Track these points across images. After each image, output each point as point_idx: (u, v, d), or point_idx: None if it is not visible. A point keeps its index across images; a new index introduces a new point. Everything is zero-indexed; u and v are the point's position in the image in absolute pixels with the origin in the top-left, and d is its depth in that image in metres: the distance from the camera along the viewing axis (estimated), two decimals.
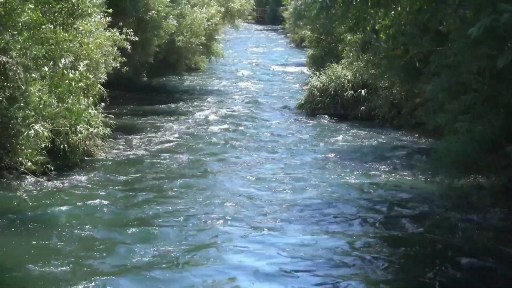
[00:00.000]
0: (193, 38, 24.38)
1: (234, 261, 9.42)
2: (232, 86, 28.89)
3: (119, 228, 10.52)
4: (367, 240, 10.39)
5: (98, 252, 9.54)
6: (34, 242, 9.74)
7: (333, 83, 21.18)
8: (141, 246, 9.75)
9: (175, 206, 11.79)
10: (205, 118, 20.93)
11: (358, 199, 12.53)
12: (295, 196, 12.62)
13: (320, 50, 26.51)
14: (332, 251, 9.86)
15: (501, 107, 8.97)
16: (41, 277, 8.64)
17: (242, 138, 18.18)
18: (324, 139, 18.26)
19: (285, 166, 15.13)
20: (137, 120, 20.06)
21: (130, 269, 8.99)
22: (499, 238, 10.32)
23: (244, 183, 13.52)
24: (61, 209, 11.27)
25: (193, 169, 14.53)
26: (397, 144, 17.47)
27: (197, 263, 9.29)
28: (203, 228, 10.70)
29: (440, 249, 9.90)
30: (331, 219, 11.40)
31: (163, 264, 9.15)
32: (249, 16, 61.07)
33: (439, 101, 9.83)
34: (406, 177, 13.97)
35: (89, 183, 12.93)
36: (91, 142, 14.46)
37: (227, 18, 31.47)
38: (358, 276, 9.09)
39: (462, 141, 9.20)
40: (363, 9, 10.36)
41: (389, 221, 11.27)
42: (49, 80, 11.33)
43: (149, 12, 19.93)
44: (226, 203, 12.02)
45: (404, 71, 12.78)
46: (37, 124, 9.46)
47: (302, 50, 40.00)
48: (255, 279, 8.89)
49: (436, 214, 11.47)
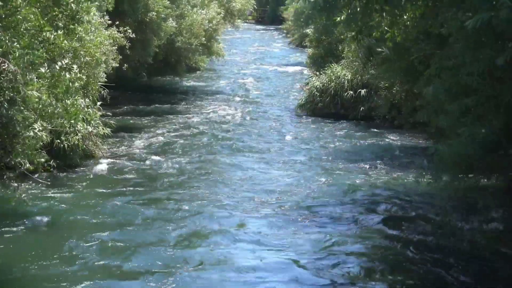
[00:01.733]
0: (192, 39, 24.36)
1: (234, 262, 9.41)
2: (232, 86, 28.87)
3: (119, 228, 10.52)
4: (367, 240, 10.39)
5: (98, 252, 9.52)
6: (34, 242, 9.74)
7: (333, 83, 21.21)
8: (141, 246, 9.75)
9: (175, 206, 11.79)
10: (205, 118, 20.91)
11: (358, 199, 12.53)
12: (295, 196, 12.61)
13: (320, 50, 26.52)
14: (332, 251, 9.85)
15: (502, 107, 8.95)
16: (41, 277, 8.65)
17: (242, 138, 18.16)
18: (324, 139, 18.25)
19: (285, 166, 15.12)
20: (137, 120, 20.04)
21: (131, 270, 8.98)
22: (501, 239, 10.31)
23: (244, 183, 13.51)
24: (61, 209, 11.27)
25: (193, 169, 14.51)
26: (397, 145, 17.46)
27: (197, 264, 9.28)
28: (203, 228, 10.70)
29: (441, 250, 9.88)
30: (330, 219, 11.40)
31: (163, 264, 9.14)
32: (250, 16, 61.09)
33: (440, 102, 9.82)
34: (406, 177, 13.96)
35: (89, 183, 12.92)
36: (91, 142, 14.44)
37: (227, 18, 31.43)
38: (358, 276, 9.08)
39: (464, 142, 9.18)
40: (367, 15, 10.39)
41: (389, 221, 11.26)
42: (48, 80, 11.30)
43: (148, 13, 19.91)
44: (226, 203, 12.01)
45: (404, 72, 12.77)
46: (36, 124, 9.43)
47: (302, 50, 39.99)
48: (255, 279, 8.88)
49: (437, 215, 11.46)
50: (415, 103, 15.20)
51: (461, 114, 9.15)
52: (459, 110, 9.11)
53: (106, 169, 14.02)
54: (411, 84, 13.72)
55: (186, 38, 24.05)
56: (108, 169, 14.04)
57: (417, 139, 18.01)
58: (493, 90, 8.87)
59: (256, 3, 46.07)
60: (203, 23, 24.98)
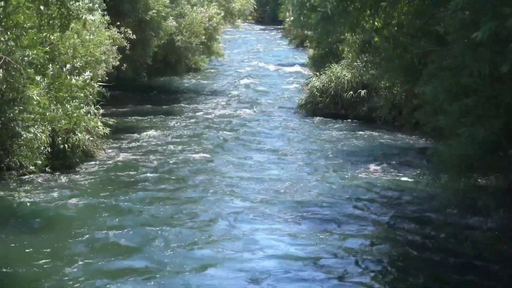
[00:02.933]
0: (192, 38, 24.35)
1: (234, 263, 9.40)
2: (232, 86, 28.86)
3: (120, 228, 10.49)
4: (367, 240, 10.37)
5: (99, 252, 9.51)
6: (34, 243, 9.72)
7: (333, 83, 21.20)
8: (142, 246, 9.74)
9: (175, 206, 11.78)
10: (205, 118, 20.90)
11: (359, 200, 12.51)
12: (295, 196, 12.60)
13: (320, 51, 26.51)
14: (332, 251, 9.85)
15: (502, 107, 8.95)
16: (40, 277, 8.63)
17: (242, 138, 18.16)
18: (325, 139, 18.24)
19: (285, 166, 15.11)
20: (137, 120, 20.04)
21: (131, 270, 8.96)
22: (501, 239, 10.30)
23: (245, 183, 13.50)
24: (61, 209, 11.26)
25: (193, 169, 14.50)
26: (397, 145, 17.45)
27: (199, 264, 9.26)
28: (203, 228, 10.68)
29: (441, 250, 9.87)
30: (330, 219, 11.38)
31: (164, 264, 9.13)
32: (250, 16, 61.07)
33: (439, 102, 9.81)
34: (407, 178, 13.94)
35: (89, 183, 12.91)
36: (91, 142, 14.44)
37: (227, 18, 31.47)
38: (358, 275, 9.07)
39: (463, 143, 9.17)
40: (360, 13, 10.39)
41: (389, 221, 11.26)
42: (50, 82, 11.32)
43: (148, 12, 19.91)
44: (226, 203, 12.00)
45: (404, 72, 12.75)
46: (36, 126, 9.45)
47: (302, 50, 39.98)
48: (254, 280, 8.87)
49: (437, 216, 11.45)
50: (415, 103, 15.20)
51: (461, 114, 9.15)
52: (459, 110, 9.10)
53: (105, 169, 14.02)
54: (411, 84, 13.72)
55: (186, 37, 24.05)
56: (108, 169, 14.03)
57: (417, 139, 17.99)
58: (493, 90, 8.86)
59: (256, 3, 46.11)
60: (203, 21, 24.98)
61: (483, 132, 8.87)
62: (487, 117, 9.06)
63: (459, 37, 8.65)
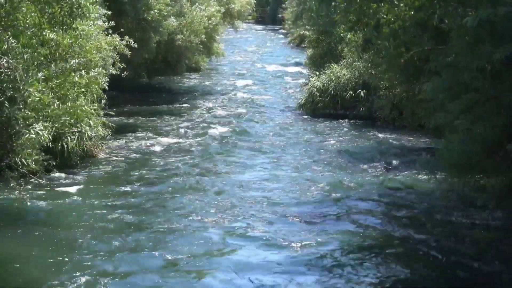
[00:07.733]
0: (192, 37, 24.34)
1: (235, 262, 9.41)
2: (232, 86, 28.87)
3: (120, 229, 10.50)
4: (366, 240, 10.38)
5: (99, 253, 9.50)
6: (34, 243, 9.73)
7: (333, 83, 21.21)
8: (142, 247, 9.74)
9: (175, 206, 11.79)
10: (205, 118, 20.91)
11: (358, 200, 12.51)
12: (295, 197, 12.60)
13: (320, 50, 26.51)
14: (332, 251, 9.85)
15: (502, 106, 8.95)
16: (40, 277, 8.64)
17: (242, 138, 18.16)
18: (324, 139, 18.25)
19: (284, 166, 15.12)
20: (137, 120, 20.05)
21: (132, 270, 8.97)
22: (501, 239, 10.30)
23: (245, 183, 13.51)
24: (61, 209, 11.26)
25: (193, 169, 14.50)
26: (397, 144, 17.44)
27: (199, 265, 9.27)
28: (204, 228, 10.68)
29: (441, 250, 9.87)
30: (330, 219, 11.39)
31: (165, 265, 9.13)
32: (249, 16, 61.04)
33: (440, 100, 9.81)
34: (407, 177, 13.94)
35: (89, 183, 12.91)
36: (91, 142, 14.44)
37: (227, 19, 31.47)
38: (358, 275, 9.07)
39: (463, 142, 9.17)
40: (365, 3, 10.34)
41: (389, 221, 11.26)
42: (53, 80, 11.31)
43: (149, 11, 19.89)
44: (225, 204, 12.00)
45: (405, 71, 12.74)
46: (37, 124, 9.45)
47: (302, 50, 40.00)
48: (253, 280, 8.88)
49: (437, 215, 11.45)
50: (416, 103, 15.20)
51: (461, 113, 9.14)
52: (459, 109, 9.10)
53: (106, 169, 14.02)
54: (412, 84, 13.71)
55: (186, 36, 24.04)
56: (108, 169, 14.04)
57: (418, 139, 17.99)
58: (493, 89, 8.87)
59: (256, 3, 46.05)
60: (202, 19, 24.98)
61: (484, 131, 8.87)
62: (487, 116, 9.06)
63: (460, 33, 8.65)
